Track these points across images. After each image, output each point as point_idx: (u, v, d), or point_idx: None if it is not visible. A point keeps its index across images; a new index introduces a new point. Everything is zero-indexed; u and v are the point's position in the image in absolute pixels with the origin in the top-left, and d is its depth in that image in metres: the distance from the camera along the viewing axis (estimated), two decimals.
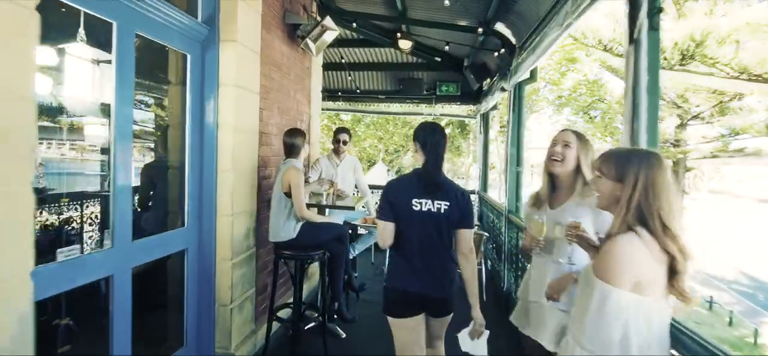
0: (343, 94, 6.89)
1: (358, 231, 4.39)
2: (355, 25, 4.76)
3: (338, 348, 2.99)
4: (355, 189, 4.18)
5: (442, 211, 1.76)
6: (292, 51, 3.51)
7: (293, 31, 3.43)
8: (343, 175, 3.82)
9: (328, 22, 3.31)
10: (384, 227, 1.78)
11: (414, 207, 1.76)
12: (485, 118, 6.11)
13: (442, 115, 7.08)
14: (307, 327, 3.03)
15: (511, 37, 3.69)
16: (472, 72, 5.23)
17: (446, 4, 3.54)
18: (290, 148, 2.72)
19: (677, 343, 1.23)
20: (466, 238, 1.81)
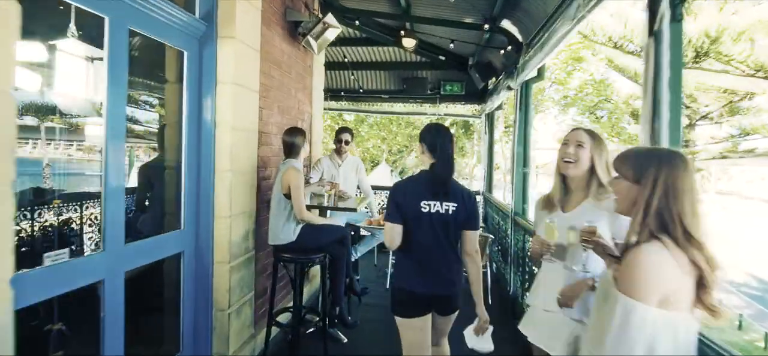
0: (346, 94, 6.82)
1: (361, 232, 4.30)
2: (357, 23, 4.68)
3: (339, 353, 2.92)
4: (358, 190, 4.10)
5: (449, 212, 1.79)
6: (294, 49, 3.43)
7: (294, 29, 3.35)
8: (345, 176, 3.74)
9: (330, 19, 3.24)
10: (392, 229, 1.80)
11: (422, 209, 1.78)
12: (490, 117, 6.01)
13: (446, 115, 6.98)
14: (307, 332, 2.95)
15: (518, 35, 3.59)
16: (477, 71, 5.13)
17: (451, 0, 3.45)
18: (290, 148, 2.64)
19: None
20: (472, 239, 1.85)
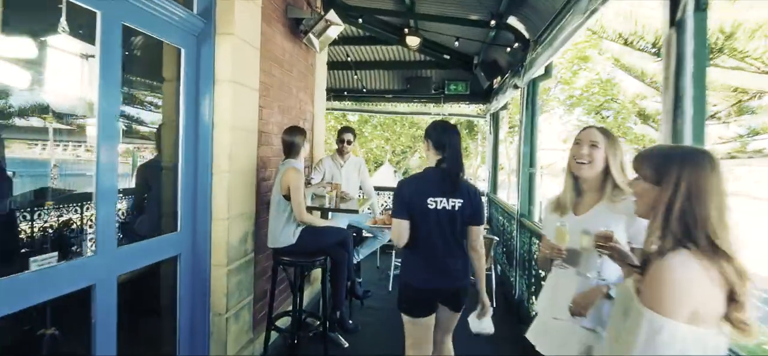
0: (349, 94, 6.76)
1: (363, 234, 4.23)
2: (360, 21, 4.60)
3: None
4: (360, 191, 4.02)
5: (455, 208, 1.82)
6: (295, 47, 3.37)
7: (296, 26, 3.28)
8: (348, 177, 3.67)
9: (332, 16, 3.16)
10: (399, 225, 1.82)
11: (429, 206, 1.80)
12: (495, 117, 5.91)
13: (451, 115, 6.90)
14: (307, 336, 2.88)
15: (525, 32, 3.50)
16: (483, 70, 5.04)
17: None
18: (289, 147, 2.57)
19: None
20: (477, 234, 1.89)
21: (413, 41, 4.69)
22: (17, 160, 2.67)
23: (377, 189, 5.41)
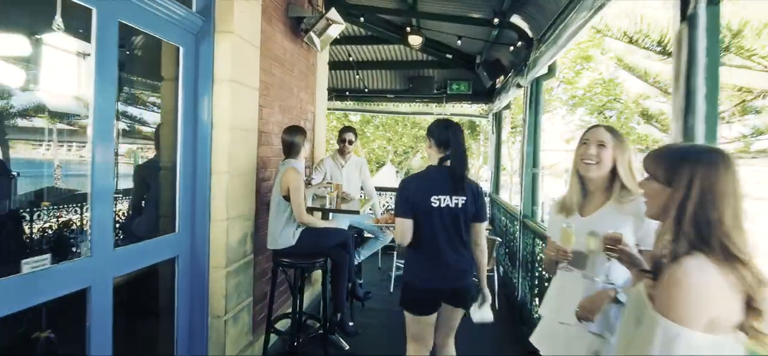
0: (351, 94, 6.72)
1: (364, 235, 4.19)
2: (362, 20, 4.56)
3: None
4: (361, 191, 3.98)
5: (459, 206, 1.81)
6: (296, 46, 3.33)
7: (297, 25, 3.25)
8: (349, 177, 3.63)
9: (333, 14, 3.13)
10: (402, 224, 1.81)
11: (433, 204, 1.79)
12: (498, 117, 5.86)
13: (453, 115, 6.85)
14: (307, 338, 2.84)
15: (528, 30, 3.46)
16: (485, 69, 4.99)
17: None
18: (289, 147, 2.53)
19: None
20: (480, 231, 1.91)
21: (415, 40, 4.66)
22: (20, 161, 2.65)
23: (379, 189, 5.37)
